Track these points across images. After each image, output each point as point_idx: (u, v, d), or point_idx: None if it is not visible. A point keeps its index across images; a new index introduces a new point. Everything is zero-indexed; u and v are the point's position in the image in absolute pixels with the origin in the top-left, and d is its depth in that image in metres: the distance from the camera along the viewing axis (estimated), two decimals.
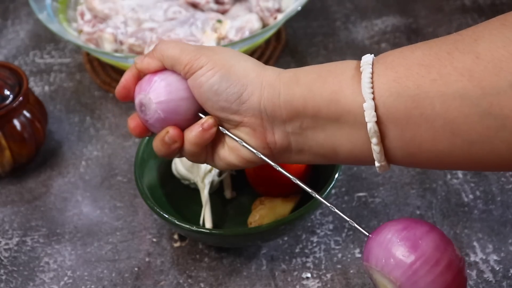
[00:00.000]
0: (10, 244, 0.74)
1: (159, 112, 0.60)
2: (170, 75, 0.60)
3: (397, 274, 0.51)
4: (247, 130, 0.58)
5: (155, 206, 0.68)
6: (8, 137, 0.78)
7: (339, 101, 0.55)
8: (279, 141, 0.58)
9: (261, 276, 0.69)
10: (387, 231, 0.53)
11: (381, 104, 0.53)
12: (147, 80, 0.61)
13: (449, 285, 0.51)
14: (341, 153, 0.57)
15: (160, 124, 0.60)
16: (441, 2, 1.01)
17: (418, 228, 0.53)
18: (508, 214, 0.73)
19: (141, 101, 0.61)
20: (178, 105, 0.60)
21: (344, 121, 0.55)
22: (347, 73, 0.55)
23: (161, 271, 0.71)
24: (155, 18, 0.91)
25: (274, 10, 0.91)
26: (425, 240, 0.52)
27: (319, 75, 0.56)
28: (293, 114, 0.57)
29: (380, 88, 0.53)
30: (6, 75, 0.79)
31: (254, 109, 0.57)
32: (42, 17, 0.89)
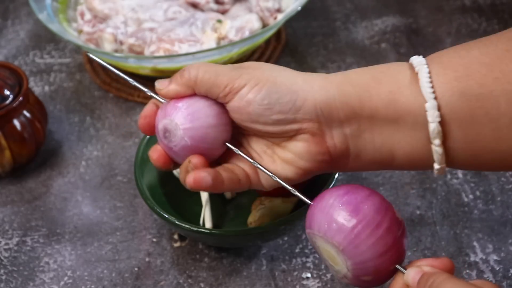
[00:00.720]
0: (10, 244, 0.74)
1: (186, 140, 0.56)
2: (198, 100, 0.57)
3: (339, 238, 0.52)
4: (306, 136, 0.56)
5: (155, 206, 0.68)
6: (8, 137, 0.78)
7: (397, 101, 0.53)
8: (338, 144, 0.56)
9: (261, 276, 0.69)
10: (329, 196, 0.53)
11: (444, 103, 0.51)
12: (172, 104, 0.57)
13: (390, 247, 0.51)
14: (398, 157, 0.55)
15: (186, 153, 0.57)
16: (441, 2, 1.01)
17: (359, 192, 0.53)
18: (508, 214, 0.73)
19: (166, 127, 0.57)
20: (206, 132, 0.56)
21: (403, 122, 0.54)
22: (403, 73, 0.54)
23: (161, 271, 0.71)
24: (155, 18, 0.91)
25: (274, 10, 0.91)
26: (366, 204, 0.52)
27: (372, 76, 0.55)
28: (350, 115, 0.55)
29: (441, 87, 0.52)
30: (6, 75, 0.79)
31: (311, 113, 0.55)
32: (42, 17, 0.89)
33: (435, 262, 0.51)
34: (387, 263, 0.52)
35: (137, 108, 0.89)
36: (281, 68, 0.57)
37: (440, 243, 0.70)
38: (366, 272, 0.52)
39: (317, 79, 0.56)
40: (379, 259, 0.51)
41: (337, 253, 0.52)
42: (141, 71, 0.89)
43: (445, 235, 0.71)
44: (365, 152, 0.56)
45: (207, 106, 0.57)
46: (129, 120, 0.87)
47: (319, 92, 0.55)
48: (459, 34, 0.95)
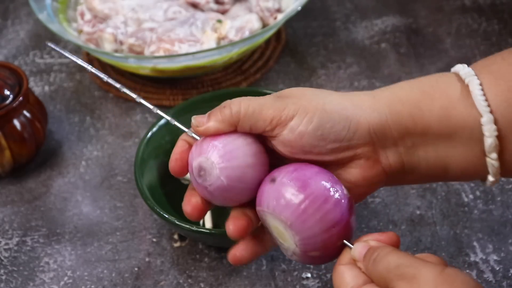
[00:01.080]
0: (10, 244, 0.74)
1: (222, 179, 0.53)
2: (236, 138, 0.54)
3: (287, 214, 0.52)
4: (361, 162, 0.54)
5: (155, 206, 0.68)
6: (8, 137, 0.78)
7: (451, 116, 0.52)
8: (394, 163, 0.55)
9: (261, 276, 0.69)
10: (278, 173, 0.53)
11: (500, 116, 0.51)
12: (208, 141, 0.55)
13: (338, 222, 0.52)
14: (452, 171, 0.54)
15: (221, 193, 0.54)
16: (441, 2, 1.01)
17: (308, 169, 0.53)
18: (508, 214, 0.73)
19: (201, 165, 0.54)
20: (244, 172, 0.54)
21: (457, 137, 0.53)
22: (453, 86, 0.53)
23: (161, 271, 0.71)
24: (155, 18, 0.91)
25: (274, 10, 0.91)
26: (314, 180, 0.52)
27: (422, 91, 0.54)
28: (403, 133, 0.54)
29: (495, 100, 0.51)
30: (6, 75, 0.79)
31: (365, 137, 0.53)
32: (42, 17, 0.89)
33: (381, 236, 0.51)
34: (335, 238, 0.52)
35: (137, 108, 0.89)
36: (325, 93, 0.55)
37: (440, 243, 0.70)
38: (313, 247, 0.52)
39: (365, 100, 0.54)
40: (326, 234, 0.52)
41: (285, 229, 0.52)
42: (141, 71, 0.89)
43: (445, 235, 0.71)
44: (418, 168, 0.55)
45: (245, 144, 0.54)
46: (129, 120, 0.87)
47: (371, 115, 0.53)
48: (459, 34, 0.95)
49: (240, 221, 0.54)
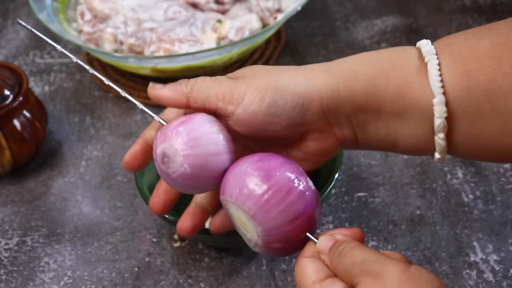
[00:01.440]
0: (10, 244, 0.74)
1: (185, 167, 0.53)
2: (201, 125, 0.54)
3: (250, 204, 0.51)
4: (315, 135, 0.56)
5: None
6: (8, 137, 0.78)
7: (405, 96, 0.53)
8: (347, 134, 0.56)
9: (261, 276, 0.69)
10: (243, 163, 0.53)
11: (452, 98, 0.51)
12: (173, 127, 0.54)
13: (301, 214, 0.51)
14: (401, 146, 0.56)
15: (185, 181, 0.54)
16: (441, 2, 1.01)
17: (273, 159, 0.53)
18: (508, 214, 0.73)
19: (165, 152, 0.53)
20: (208, 160, 0.53)
21: (409, 116, 0.53)
22: (411, 65, 0.53)
23: (161, 271, 0.71)
24: (155, 18, 0.91)
25: (274, 10, 0.91)
26: (279, 171, 0.52)
27: (380, 68, 0.54)
28: (357, 109, 0.54)
29: (450, 82, 0.51)
30: (6, 75, 0.79)
31: (319, 113, 0.54)
32: (42, 17, 0.89)
33: (347, 231, 0.51)
34: (297, 230, 0.51)
35: (137, 108, 0.88)
36: (279, 69, 0.56)
37: (440, 243, 0.70)
38: (276, 239, 0.52)
39: (319, 75, 0.55)
40: (288, 226, 0.51)
41: (248, 219, 0.52)
42: (141, 71, 0.89)
43: (445, 235, 0.71)
44: (369, 140, 0.56)
45: (211, 132, 0.54)
46: (129, 120, 0.87)
47: (324, 90, 0.54)
48: None
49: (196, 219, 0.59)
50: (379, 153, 0.80)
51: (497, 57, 0.50)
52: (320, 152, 0.57)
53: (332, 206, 0.75)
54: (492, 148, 0.52)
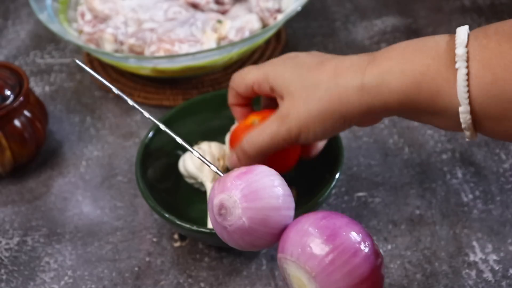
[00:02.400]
0: (11, 244, 0.75)
1: (244, 220, 0.50)
2: (262, 177, 0.52)
3: (312, 264, 0.49)
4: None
5: (155, 206, 0.69)
6: (9, 137, 0.78)
7: (436, 104, 0.55)
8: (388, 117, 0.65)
9: (261, 276, 0.69)
10: (305, 220, 0.51)
11: (477, 106, 0.54)
12: (233, 178, 0.52)
13: (366, 278, 0.49)
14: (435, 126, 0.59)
15: (241, 235, 0.51)
16: (441, 2, 1.01)
17: (338, 218, 0.51)
18: (507, 214, 0.73)
19: (223, 203, 0.51)
20: (268, 215, 0.51)
21: (439, 116, 0.57)
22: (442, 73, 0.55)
23: (161, 271, 0.71)
24: (155, 18, 0.91)
25: (274, 11, 0.91)
26: (344, 231, 0.50)
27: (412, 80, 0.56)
28: (390, 114, 0.59)
29: (477, 91, 0.53)
30: (6, 75, 0.79)
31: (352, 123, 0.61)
32: (42, 17, 0.89)
33: None
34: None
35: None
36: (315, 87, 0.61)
37: (440, 243, 0.71)
38: None
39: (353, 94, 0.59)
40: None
41: (309, 280, 0.49)
42: (141, 71, 0.89)
43: (444, 235, 0.71)
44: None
45: (272, 185, 0.52)
46: (129, 120, 0.88)
47: (358, 108, 0.59)
48: None
49: None
50: (379, 153, 0.80)
51: None
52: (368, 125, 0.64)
53: (332, 206, 0.75)
54: None
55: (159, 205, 0.69)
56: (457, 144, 0.80)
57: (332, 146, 0.73)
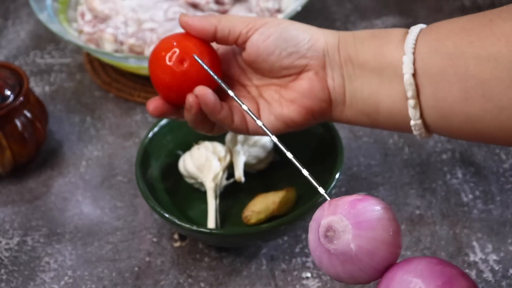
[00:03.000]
0: (11, 244, 0.75)
1: (352, 247, 0.48)
2: (377, 208, 0.50)
3: None
4: (310, 74, 0.62)
5: (156, 206, 0.69)
6: (9, 137, 0.78)
7: (383, 53, 0.59)
8: (337, 86, 0.62)
9: (261, 276, 0.69)
10: (418, 262, 0.49)
11: (419, 58, 0.56)
12: (347, 202, 0.50)
13: None
14: (382, 110, 0.60)
15: (343, 262, 0.49)
16: (441, 2, 1.01)
17: (453, 267, 0.48)
18: (507, 214, 0.73)
19: (332, 225, 0.49)
20: (378, 247, 0.49)
21: (385, 75, 0.58)
22: (397, 33, 0.59)
23: (161, 271, 0.71)
24: (155, 18, 0.91)
25: (274, 10, 0.91)
26: (459, 280, 0.47)
27: (372, 33, 0.61)
28: (347, 59, 0.61)
29: (421, 45, 0.56)
30: (6, 75, 0.79)
31: (319, 51, 0.61)
32: (42, 17, 0.89)
33: None
34: None
35: (137, 108, 0.89)
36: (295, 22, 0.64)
37: (440, 243, 0.71)
38: None
39: (328, 31, 0.63)
40: None
41: None
42: (141, 71, 0.89)
43: (444, 235, 0.71)
44: (355, 101, 0.61)
45: (386, 218, 0.50)
46: (130, 120, 0.88)
47: (328, 36, 0.62)
48: None
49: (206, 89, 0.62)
50: (379, 153, 0.80)
51: (468, 29, 0.54)
52: (311, 93, 0.62)
53: None
54: (459, 117, 0.55)
55: (159, 205, 0.69)
56: (457, 144, 0.80)
57: (332, 146, 0.73)
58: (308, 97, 0.62)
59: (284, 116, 0.63)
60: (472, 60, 0.53)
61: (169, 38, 0.64)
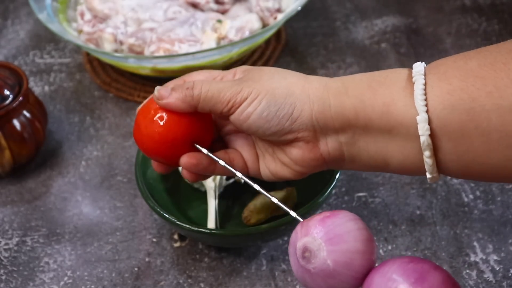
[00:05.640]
0: (10, 244, 0.74)
1: (329, 263, 0.51)
2: (346, 221, 0.53)
3: None
4: (300, 144, 0.58)
5: (155, 206, 0.68)
6: (8, 137, 0.78)
7: (391, 113, 0.54)
8: (332, 151, 0.58)
9: (261, 276, 0.69)
10: (391, 263, 0.51)
11: (435, 117, 0.52)
12: (317, 221, 0.53)
13: None
14: (392, 164, 0.56)
15: (324, 278, 0.52)
16: (441, 2, 1.01)
17: (424, 263, 0.51)
18: (508, 214, 0.73)
19: (307, 246, 0.52)
20: (353, 258, 0.51)
21: (396, 133, 0.54)
22: (399, 84, 0.55)
23: (161, 271, 0.71)
24: (155, 18, 0.91)
25: (274, 10, 0.91)
26: (432, 275, 0.50)
27: (369, 85, 0.56)
28: (345, 124, 0.56)
29: (433, 100, 0.52)
30: (6, 75, 0.79)
31: (307, 124, 0.57)
32: (42, 17, 0.89)
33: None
34: None
35: (137, 108, 0.88)
36: (282, 76, 0.59)
37: (440, 243, 0.70)
38: None
39: (314, 88, 0.57)
40: None
41: None
42: (141, 71, 0.89)
43: (445, 235, 0.71)
44: (359, 158, 0.58)
45: (356, 229, 0.52)
46: (129, 120, 0.87)
47: (315, 102, 0.57)
48: (459, 34, 0.95)
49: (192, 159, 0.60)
50: None
51: (482, 77, 0.51)
52: (302, 162, 0.59)
53: (332, 206, 0.75)
54: (480, 167, 0.53)
55: (159, 205, 0.69)
56: None
57: None
58: (301, 165, 0.59)
59: (278, 174, 0.61)
60: (493, 112, 0.50)
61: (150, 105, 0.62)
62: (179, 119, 0.60)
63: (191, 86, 0.59)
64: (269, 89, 0.57)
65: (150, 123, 0.60)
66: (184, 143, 0.60)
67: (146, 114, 0.61)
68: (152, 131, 0.60)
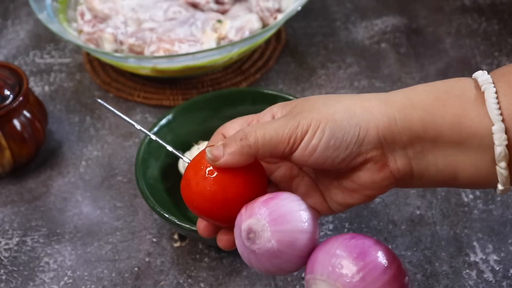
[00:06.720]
0: (10, 244, 0.75)
1: (273, 243, 0.51)
2: (289, 202, 0.53)
3: (343, 281, 0.50)
4: (369, 165, 0.55)
5: (155, 206, 0.68)
6: (8, 137, 0.78)
7: (463, 124, 0.52)
8: (402, 167, 0.55)
9: (261, 276, 0.69)
10: (334, 240, 0.52)
11: (511, 126, 0.50)
12: (260, 203, 0.53)
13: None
14: (461, 178, 0.54)
15: (269, 259, 0.52)
16: (441, 2, 1.01)
17: (365, 239, 0.52)
18: (508, 214, 0.73)
19: (251, 227, 0.52)
20: (296, 237, 0.52)
21: (468, 145, 0.52)
22: (467, 93, 0.53)
23: (161, 271, 0.71)
24: (155, 18, 0.91)
25: (274, 10, 0.91)
26: (373, 250, 0.51)
27: (436, 97, 0.53)
28: (413, 138, 0.53)
29: (508, 109, 0.50)
30: (6, 75, 0.79)
31: (375, 142, 0.54)
32: (42, 17, 0.89)
33: None
34: None
35: (137, 108, 0.89)
36: (334, 100, 0.55)
37: (440, 243, 0.70)
38: None
39: (375, 105, 0.54)
40: None
41: None
42: (141, 71, 0.89)
43: (445, 235, 0.71)
44: (427, 173, 0.55)
45: (299, 209, 0.53)
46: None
47: (380, 119, 0.54)
48: (459, 34, 0.95)
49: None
50: None
51: None
52: (373, 184, 0.55)
53: None
54: None
55: (159, 205, 0.69)
56: None
57: None
58: (371, 188, 0.55)
59: (348, 204, 0.57)
60: None
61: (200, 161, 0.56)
62: (234, 175, 0.55)
63: (243, 135, 0.54)
64: (328, 115, 0.53)
65: (202, 180, 0.55)
66: (241, 201, 0.55)
67: (197, 170, 0.55)
68: (203, 189, 0.55)
